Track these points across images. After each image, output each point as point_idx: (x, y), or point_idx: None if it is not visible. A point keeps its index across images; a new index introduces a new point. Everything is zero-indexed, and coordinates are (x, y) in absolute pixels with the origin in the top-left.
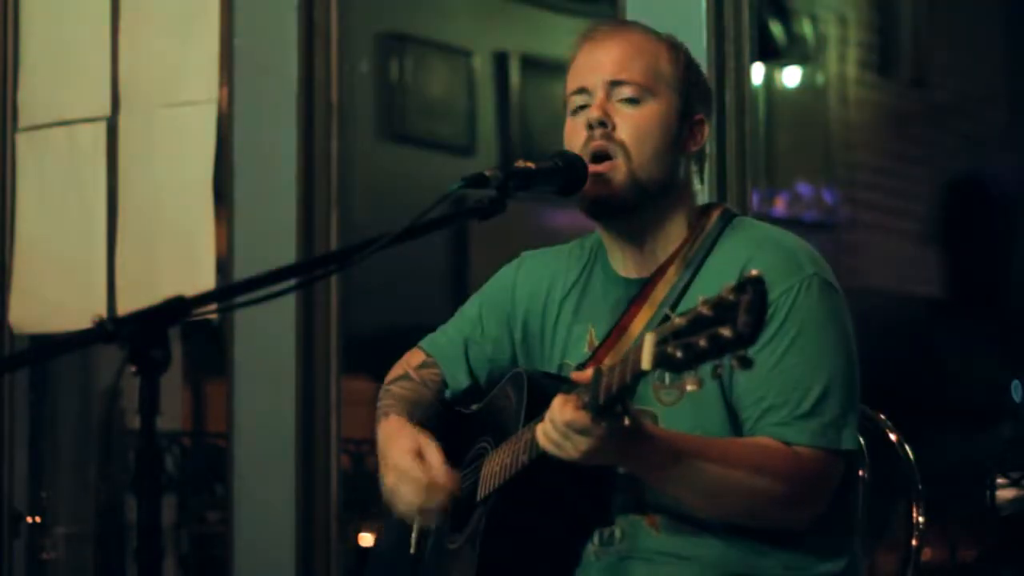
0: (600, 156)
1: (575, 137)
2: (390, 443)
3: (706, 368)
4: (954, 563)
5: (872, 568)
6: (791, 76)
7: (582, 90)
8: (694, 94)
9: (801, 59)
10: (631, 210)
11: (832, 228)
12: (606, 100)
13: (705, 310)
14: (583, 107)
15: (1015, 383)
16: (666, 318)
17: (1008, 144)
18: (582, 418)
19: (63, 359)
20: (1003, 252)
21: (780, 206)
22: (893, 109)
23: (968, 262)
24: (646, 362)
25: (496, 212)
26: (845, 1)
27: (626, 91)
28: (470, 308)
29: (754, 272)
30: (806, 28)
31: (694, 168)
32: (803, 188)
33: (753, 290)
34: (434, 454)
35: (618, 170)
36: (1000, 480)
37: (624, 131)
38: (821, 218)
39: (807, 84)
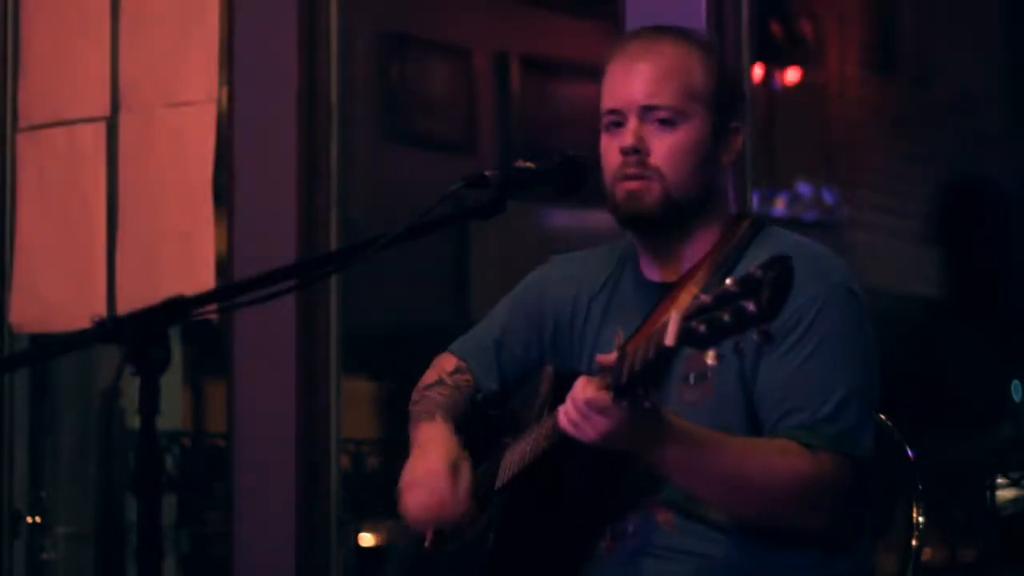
0: (634, 176)
1: (610, 157)
2: (430, 445)
3: (728, 344)
4: (954, 563)
5: (872, 568)
6: (791, 76)
7: (615, 111)
8: (728, 104)
9: (801, 59)
10: (665, 224)
11: (832, 228)
12: (639, 124)
13: (732, 287)
14: (617, 124)
15: (1015, 383)
16: (694, 297)
17: (1008, 144)
18: (603, 397)
19: (63, 359)
20: (1003, 252)
21: (780, 206)
22: (893, 109)
23: (968, 262)
24: (670, 338)
25: (496, 212)
26: (845, 1)
27: (661, 115)
28: (500, 311)
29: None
30: (806, 28)
31: (728, 177)
32: (803, 188)
33: (780, 267)
34: (466, 478)
35: (652, 189)
36: (1000, 480)
37: (658, 156)
38: (821, 218)
39: (807, 84)
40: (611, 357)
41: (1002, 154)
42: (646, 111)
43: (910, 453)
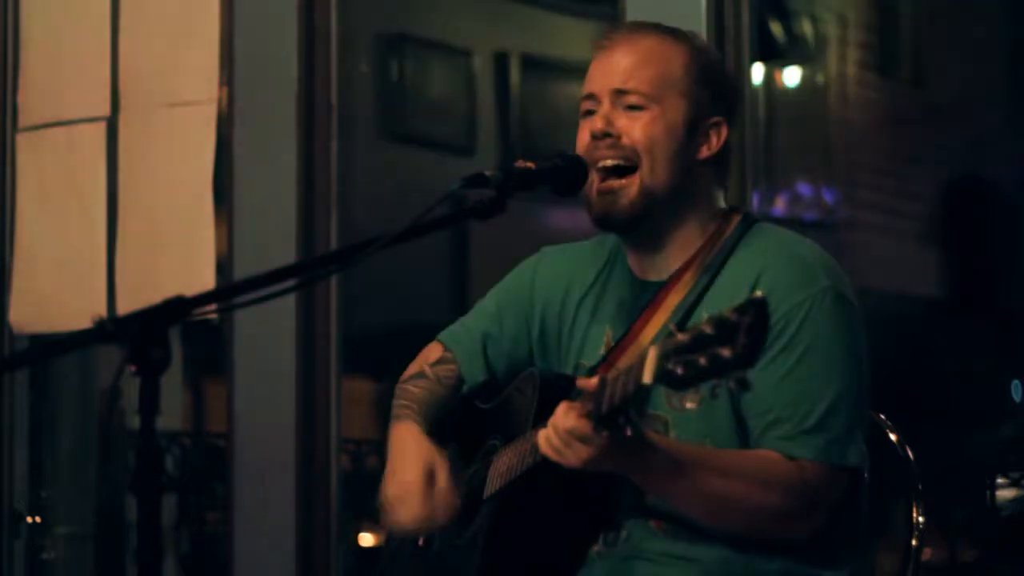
0: (610, 172)
1: (582, 143)
2: (402, 454)
3: (706, 386)
4: (954, 563)
5: (872, 568)
6: (791, 76)
7: (591, 96)
8: (709, 97)
9: (801, 59)
10: (640, 221)
11: (832, 228)
12: (611, 108)
13: (707, 329)
14: (591, 112)
15: (1015, 383)
16: (670, 333)
17: (1008, 144)
18: (584, 426)
19: (63, 359)
20: (1003, 252)
21: (780, 206)
22: (893, 109)
23: (968, 262)
24: (647, 376)
25: (496, 212)
26: (845, 1)
27: (631, 99)
28: (488, 303)
29: (758, 293)
30: (806, 28)
31: (711, 172)
32: (803, 188)
33: (755, 312)
34: (444, 478)
35: (631, 184)
36: (1000, 480)
37: (630, 137)
38: (821, 218)
39: (807, 84)
40: (592, 383)
41: (1002, 154)
42: (618, 95)
43: (910, 453)
